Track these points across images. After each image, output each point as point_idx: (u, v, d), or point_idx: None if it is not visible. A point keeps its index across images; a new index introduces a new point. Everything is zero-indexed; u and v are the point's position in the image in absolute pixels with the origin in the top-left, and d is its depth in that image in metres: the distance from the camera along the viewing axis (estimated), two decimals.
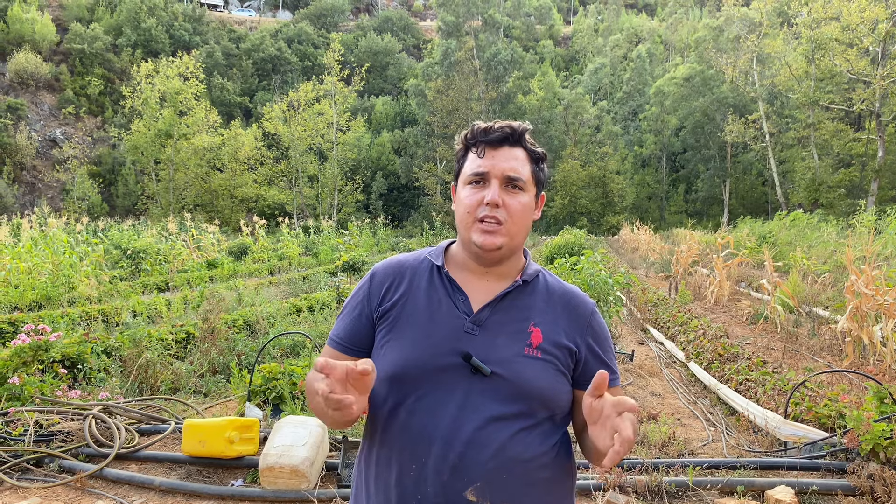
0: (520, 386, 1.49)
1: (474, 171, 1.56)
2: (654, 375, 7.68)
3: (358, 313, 1.63)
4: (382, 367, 1.52)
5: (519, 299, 1.60)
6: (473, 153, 1.59)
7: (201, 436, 4.46)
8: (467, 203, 1.56)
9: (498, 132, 1.58)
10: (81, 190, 49.62)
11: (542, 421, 1.53)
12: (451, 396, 1.47)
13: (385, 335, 1.57)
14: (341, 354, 1.61)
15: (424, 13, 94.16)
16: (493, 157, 1.56)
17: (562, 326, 1.59)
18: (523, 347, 1.53)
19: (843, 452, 4.42)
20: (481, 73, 54.52)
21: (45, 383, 5.46)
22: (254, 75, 69.45)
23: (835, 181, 38.02)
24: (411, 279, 1.62)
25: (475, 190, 1.56)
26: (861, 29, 33.90)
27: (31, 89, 58.10)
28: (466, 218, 1.56)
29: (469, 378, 1.48)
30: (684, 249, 16.26)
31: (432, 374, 1.49)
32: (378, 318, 1.60)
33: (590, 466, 4.36)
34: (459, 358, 1.49)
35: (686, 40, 62.83)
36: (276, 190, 50.58)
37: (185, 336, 7.93)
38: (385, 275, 1.65)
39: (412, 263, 1.66)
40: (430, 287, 1.60)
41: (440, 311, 1.56)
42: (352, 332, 1.62)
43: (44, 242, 15.51)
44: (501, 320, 1.55)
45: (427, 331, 1.53)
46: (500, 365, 1.49)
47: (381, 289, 1.63)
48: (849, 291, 8.01)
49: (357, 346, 1.62)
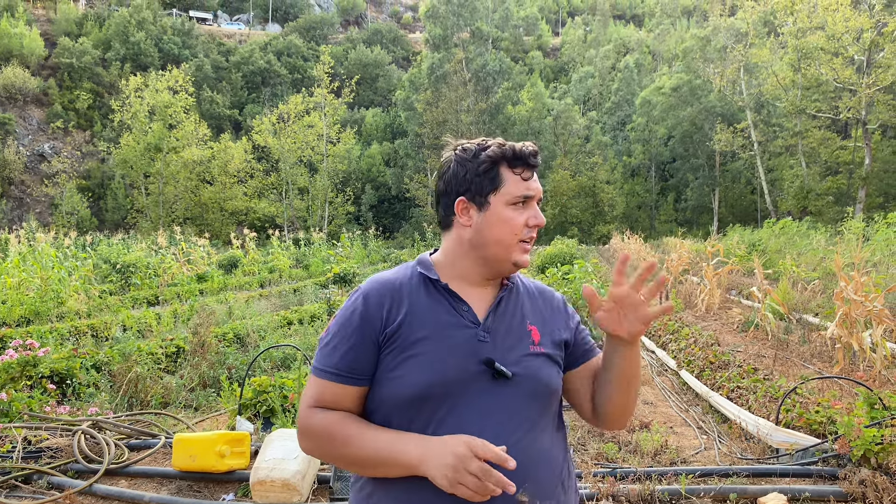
0: (537, 384, 1.59)
1: (524, 194, 1.60)
2: (645, 384, 7.69)
3: (358, 340, 1.54)
4: (401, 388, 1.50)
5: (510, 302, 1.67)
6: (515, 174, 1.61)
7: (192, 450, 4.43)
8: (515, 224, 1.60)
9: (538, 157, 1.64)
10: (70, 204, 49.37)
11: (554, 415, 1.65)
12: (482, 405, 1.51)
13: (397, 356, 1.53)
14: (341, 386, 1.54)
15: (414, 25, 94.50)
16: (535, 181, 1.63)
17: (549, 320, 1.71)
18: (528, 346, 1.62)
19: (834, 458, 4.42)
20: (470, 85, 54.68)
21: (34, 399, 5.41)
22: (243, 88, 69.46)
23: (823, 189, 38.27)
24: (409, 296, 1.58)
25: (519, 211, 1.61)
26: (846, 38, 34.23)
27: (19, 104, 57.89)
28: (510, 238, 1.60)
29: (492, 384, 1.53)
30: (674, 258, 16.30)
31: (459, 387, 1.50)
32: (385, 340, 1.54)
33: (582, 476, 4.35)
34: (481, 366, 1.52)
35: (674, 50, 63.23)
36: (267, 202, 50.52)
37: (175, 350, 7.89)
38: (380, 295, 1.58)
39: (403, 280, 1.62)
40: (431, 302, 1.59)
41: (449, 324, 1.56)
42: (354, 360, 1.54)
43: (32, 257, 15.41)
44: (504, 324, 1.62)
45: (444, 345, 1.52)
46: (516, 366, 1.56)
47: (380, 311, 1.55)
48: (838, 298, 8.05)
49: (360, 375, 1.55)
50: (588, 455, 4.94)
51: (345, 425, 1.51)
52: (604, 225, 50.96)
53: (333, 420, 1.52)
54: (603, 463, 4.73)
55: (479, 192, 1.61)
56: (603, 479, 4.27)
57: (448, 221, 1.67)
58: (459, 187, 1.63)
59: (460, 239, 1.64)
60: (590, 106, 67.33)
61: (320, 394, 1.56)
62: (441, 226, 1.71)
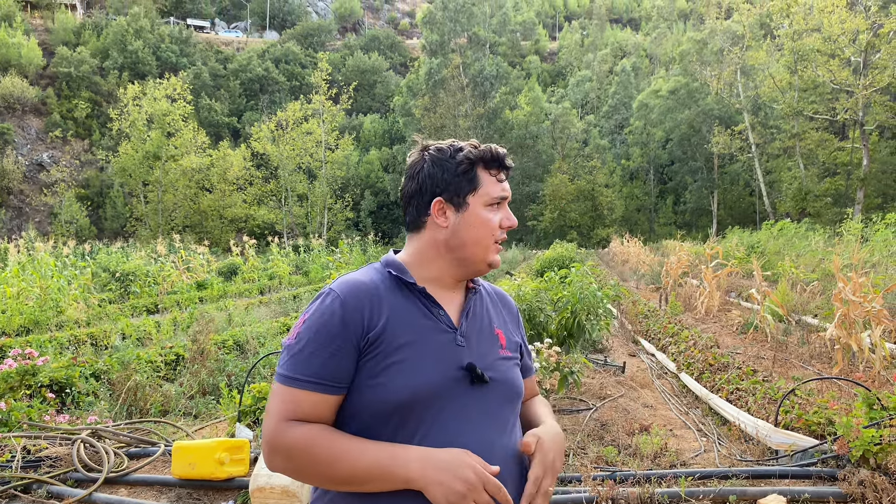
0: (509, 387, 1.61)
1: (500, 196, 1.62)
2: (645, 387, 7.69)
3: (338, 346, 1.45)
4: (384, 396, 1.44)
5: (479, 306, 1.68)
6: (492, 176, 1.62)
7: (191, 458, 4.42)
8: (492, 226, 1.61)
9: (509, 159, 1.66)
10: (69, 213, 49.39)
11: (518, 416, 1.68)
12: (463, 410, 1.49)
13: (379, 363, 1.46)
14: (321, 395, 1.45)
15: (411, 31, 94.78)
16: (506, 182, 1.66)
17: (509, 324, 1.75)
18: (498, 350, 1.64)
19: (833, 459, 4.42)
20: (468, 90, 54.81)
21: (33, 408, 5.41)
22: (241, 95, 69.60)
23: (821, 190, 38.32)
24: (387, 299, 1.53)
25: (493, 212, 1.62)
26: (842, 40, 34.33)
27: (17, 113, 57.98)
28: (487, 239, 1.61)
29: (470, 389, 1.52)
30: (674, 261, 16.31)
31: (441, 393, 1.47)
32: (367, 345, 1.47)
33: (582, 479, 4.35)
34: (461, 371, 1.51)
35: (671, 53, 63.47)
36: (266, 209, 50.54)
37: (174, 358, 7.89)
38: (358, 298, 1.50)
39: (377, 283, 1.56)
40: (407, 305, 1.54)
41: (428, 329, 1.53)
42: (336, 367, 1.45)
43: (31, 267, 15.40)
44: (475, 328, 1.62)
45: (425, 351, 1.49)
46: (490, 370, 1.56)
47: (360, 314, 1.48)
48: (837, 299, 8.05)
49: (340, 383, 1.46)
50: (587, 458, 4.94)
51: (330, 440, 1.42)
52: (603, 228, 50.99)
53: (315, 434, 1.42)
54: (602, 466, 4.73)
55: (458, 192, 1.59)
56: (602, 483, 4.27)
57: (420, 223, 1.64)
58: (436, 188, 1.60)
59: (434, 240, 1.62)
60: (587, 110, 67.51)
61: (296, 405, 1.44)
62: (409, 228, 1.67)
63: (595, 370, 8.20)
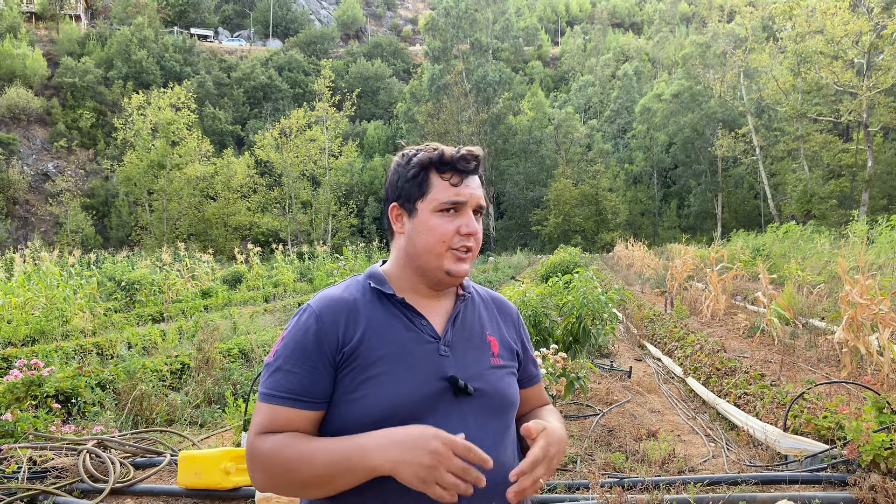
0: (499, 398, 1.54)
1: (451, 200, 1.52)
2: (652, 392, 7.65)
3: (315, 362, 1.44)
4: (362, 410, 1.41)
5: (468, 313, 1.62)
6: (444, 180, 1.53)
7: (197, 467, 4.42)
8: (442, 232, 1.51)
9: (473, 162, 1.55)
10: (75, 223, 49.52)
11: (513, 427, 1.60)
12: (446, 423, 1.42)
13: (356, 377, 1.44)
14: (295, 411, 1.43)
15: (414, 38, 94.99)
16: (468, 186, 1.54)
17: (505, 331, 1.68)
18: (489, 358, 1.58)
19: (843, 464, 4.39)
20: (471, 96, 54.91)
21: (39, 419, 5.40)
22: (245, 104, 69.82)
23: (826, 192, 38.24)
24: (365, 313, 1.51)
25: (448, 218, 1.52)
26: (845, 41, 34.34)
27: (22, 124, 58.23)
28: (439, 247, 1.51)
29: (455, 401, 1.47)
30: (679, 264, 16.28)
31: (422, 406, 1.43)
32: (343, 360, 1.45)
33: (590, 486, 4.33)
34: (444, 383, 1.46)
35: (673, 57, 63.51)
36: (270, 217, 50.62)
37: (180, 367, 7.88)
38: (335, 312, 1.49)
39: (355, 296, 1.54)
40: (388, 317, 1.51)
41: (409, 340, 1.49)
42: (311, 383, 1.43)
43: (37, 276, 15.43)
44: (464, 336, 1.57)
45: (405, 363, 1.45)
46: (478, 380, 1.51)
47: (336, 329, 1.46)
48: (844, 302, 8.02)
49: (317, 398, 1.44)
50: (595, 465, 4.91)
51: (297, 443, 1.39)
52: (607, 233, 50.97)
53: (283, 441, 1.40)
54: (610, 473, 4.70)
55: (409, 198, 1.55)
56: (611, 490, 4.24)
57: (392, 230, 1.62)
58: (392, 193, 1.59)
59: (400, 248, 1.59)
60: (590, 114, 67.52)
61: (272, 420, 1.43)
62: (388, 235, 1.65)
63: (601, 375, 8.17)
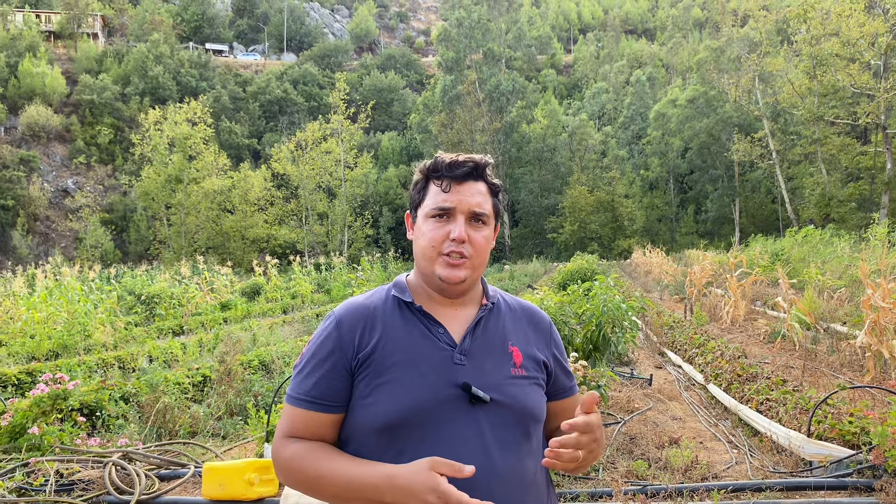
0: (518, 408, 1.53)
1: (439, 206, 1.55)
2: (673, 399, 7.61)
3: (332, 365, 1.50)
4: (374, 416, 1.46)
5: (491, 322, 1.62)
6: (437, 186, 1.58)
7: (221, 479, 4.45)
8: (431, 237, 1.55)
9: (463, 167, 1.57)
10: (94, 238, 50.10)
11: (534, 439, 1.58)
12: (458, 431, 1.45)
13: (370, 383, 1.48)
14: (313, 414, 1.50)
15: (426, 49, 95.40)
16: (459, 192, 1.56)
17: (532, 342, 1.65)
18: (510, 368, 1.56)
19: (869, 469, 4.35)
20: (484, 105, 55.01)
21: (65, 432, 5.47)
22: (261, 117, 70.43)
23: (845, 195, 37.85)
24: (383, 320, 1.54)
25: (439, 224, 1.55)
26: (861, 43, 34.01)
27: (42, 141, 59.15)
28: (430, 252, 1.55)
29: (470, 409, 1.47)
30: (697, 270, 16.17)
31: (434, 413, 1.45)
32: (358, 366, 1.49)
33: (613, 494, 4.31)
34: (457, 390, 1.47)
35: (687, 62, 63.26)
36: (287, 229, 50.95)
37: (201, 379, 7.94)
38: (353, 319, 1.54)
39: (376, 303, 1.58)
40: (405, 325, 1.54)
41: (424, 347, 1.51)
42: (328, 387, 1.50)
43: (58, 291, 15.62)
44: (483, 346, 1.56)
45: (418, 369, 1.47)
46: (495, 390, 1.50)
47: (353, 335, 1.52)
48: (866, 306, 7.94)
49: (333, 403, 1.50)
50: (618, 473, 4.90)
51: (315, 456, 1.46)
52: (624, 239, 50.74)
53: (304, 452, 1.47)
54: (633, 480, 4.68)
55: (415, 205, 1.64)
56: (634, 497, 4.23)
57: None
58: (410, 203, 1.68)
59: (414, 256, 1.65)
60: (605, 121, 67.40)
61: (292, 422, 1.51)
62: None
63: (622, 383, 8.14)
